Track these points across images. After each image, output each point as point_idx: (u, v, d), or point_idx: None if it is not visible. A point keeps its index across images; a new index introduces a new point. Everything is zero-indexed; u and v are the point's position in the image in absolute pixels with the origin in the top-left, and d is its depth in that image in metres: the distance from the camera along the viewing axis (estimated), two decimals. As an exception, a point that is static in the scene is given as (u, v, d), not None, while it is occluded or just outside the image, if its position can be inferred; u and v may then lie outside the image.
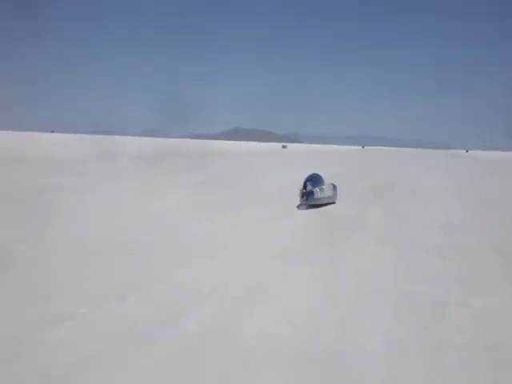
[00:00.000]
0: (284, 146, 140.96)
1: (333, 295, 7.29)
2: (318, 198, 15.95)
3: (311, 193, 15.75)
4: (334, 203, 16.78)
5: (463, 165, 62.80)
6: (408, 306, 6.93)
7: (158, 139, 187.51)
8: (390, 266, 9.10)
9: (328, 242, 11.09)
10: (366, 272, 8.57)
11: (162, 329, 5.83)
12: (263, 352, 5.37)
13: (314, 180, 16.43)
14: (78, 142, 72.74)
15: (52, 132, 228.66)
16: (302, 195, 15.84)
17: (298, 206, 15.73)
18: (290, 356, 5.30)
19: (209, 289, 7.35)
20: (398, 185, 26.57)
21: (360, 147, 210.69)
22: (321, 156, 73.55)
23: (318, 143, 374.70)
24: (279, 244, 10.65)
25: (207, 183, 23.04)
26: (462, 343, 5.78)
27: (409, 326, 6.22)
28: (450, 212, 16.35)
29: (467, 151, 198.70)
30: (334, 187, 17.19)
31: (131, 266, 8.41)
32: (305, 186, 15.96)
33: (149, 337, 5.61)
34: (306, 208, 15.59)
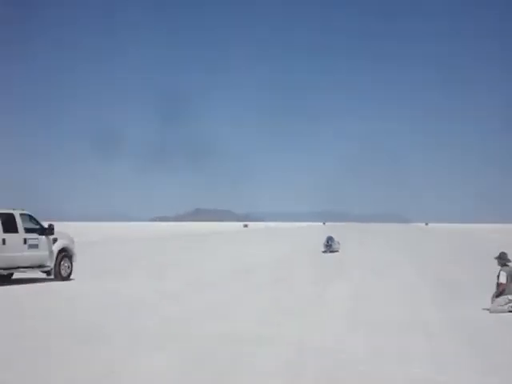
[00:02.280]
0: (245, 225, 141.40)
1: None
2: (334, 248, 31.24)
3: (331, 245, 31.09)
4: (338, 251, 30.99)
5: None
6: None
7: (120, 223, 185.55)
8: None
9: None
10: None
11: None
12: None
13: (331, 238, 31.64)
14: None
15: None
16: (327, 246, 30.94)
17: (324, 252, 30.28)
18: None
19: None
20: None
21: (321, 223, 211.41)
22: (290, 232, 73.61)
23: (278, 221, 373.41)
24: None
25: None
26: None
27: None
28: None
29: (427, 224, 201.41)
30: (339, 242, 32.50)
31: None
32: (327, 242, 31.27)
33: None
34: (329, 253, 30.10)
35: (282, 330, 9.44)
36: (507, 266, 11.66)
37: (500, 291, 11.44)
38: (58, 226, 18.51)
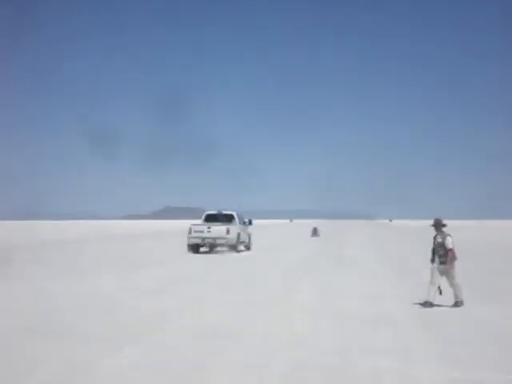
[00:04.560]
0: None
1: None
2: (317, 234, 48.59)
3: (315, 232, 48.76)
4: (319, 236, 48.05)
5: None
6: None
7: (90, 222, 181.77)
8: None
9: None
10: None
11: None
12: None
13: (316, 228, 49.56)
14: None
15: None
16: (313, 233, 48.65)
17: (312, 236, 48.03)
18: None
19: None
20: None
21: (288, 221, 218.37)
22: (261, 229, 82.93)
23: (249, 218, 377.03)
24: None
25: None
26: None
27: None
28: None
29: (391, 221, 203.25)
30: (320, 231, 50.88)
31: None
32: (314, 230, 48.91)
33: None
34: (315, 236, 47.29)
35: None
36: (443, 231, 11.23)
37: (452, 258, 10.97)
38: (41, 225, 23.88)
